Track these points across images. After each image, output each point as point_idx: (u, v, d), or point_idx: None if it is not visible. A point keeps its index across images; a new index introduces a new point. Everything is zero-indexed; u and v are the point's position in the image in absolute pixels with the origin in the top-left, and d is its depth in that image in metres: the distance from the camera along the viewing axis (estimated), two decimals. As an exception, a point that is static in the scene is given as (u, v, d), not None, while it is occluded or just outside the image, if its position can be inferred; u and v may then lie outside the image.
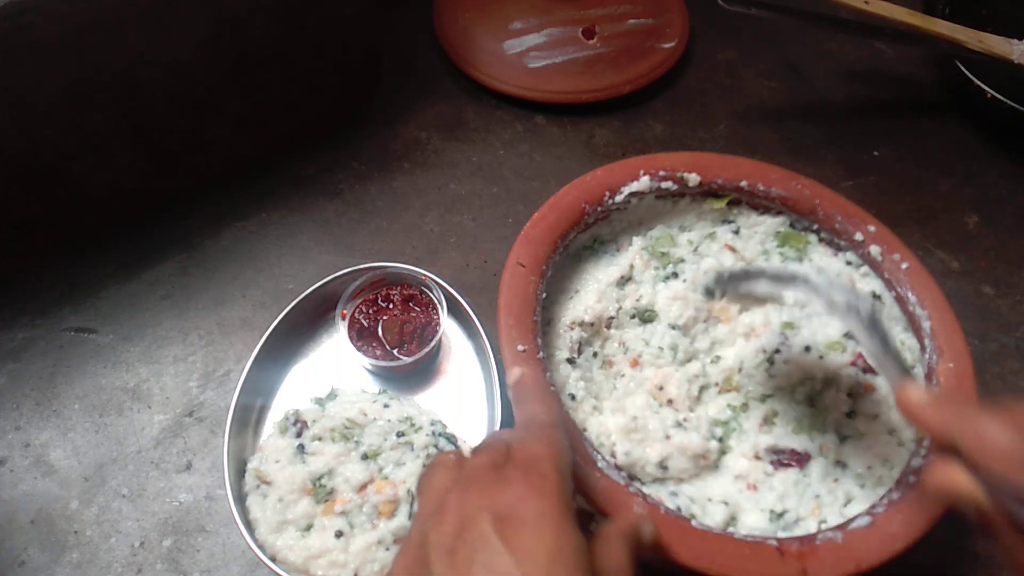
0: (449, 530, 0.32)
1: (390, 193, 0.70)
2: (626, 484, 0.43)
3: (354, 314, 0.58)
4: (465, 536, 0.31)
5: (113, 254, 0.65)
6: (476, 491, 0.33)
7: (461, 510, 0.32)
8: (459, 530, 0.31)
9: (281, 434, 0.52)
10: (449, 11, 0.80)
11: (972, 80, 0.71)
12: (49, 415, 0.58)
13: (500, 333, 0.46)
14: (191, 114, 0.62)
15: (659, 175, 0.55)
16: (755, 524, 0.46)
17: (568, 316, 0.52)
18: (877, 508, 0.43)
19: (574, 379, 0.49)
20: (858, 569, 0.41)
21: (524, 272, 0.49)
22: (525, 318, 0.47)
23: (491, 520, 0.31)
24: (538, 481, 0.33)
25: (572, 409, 0.48)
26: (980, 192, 0.73)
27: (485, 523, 0.31)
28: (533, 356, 0.46)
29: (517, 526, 0.31)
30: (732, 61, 0.82)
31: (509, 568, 0.29)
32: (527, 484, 0.32)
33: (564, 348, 0.51)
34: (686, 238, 0.57)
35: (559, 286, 0.54)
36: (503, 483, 0.33)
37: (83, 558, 0.52)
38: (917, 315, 0.51)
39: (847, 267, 0.55)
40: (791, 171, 0.57)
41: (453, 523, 0.32)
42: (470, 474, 0.35)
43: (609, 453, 0.47)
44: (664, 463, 0.47)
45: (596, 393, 0.50)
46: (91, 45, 0.52)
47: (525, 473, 0.33)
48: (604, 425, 0.48)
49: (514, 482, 0.33)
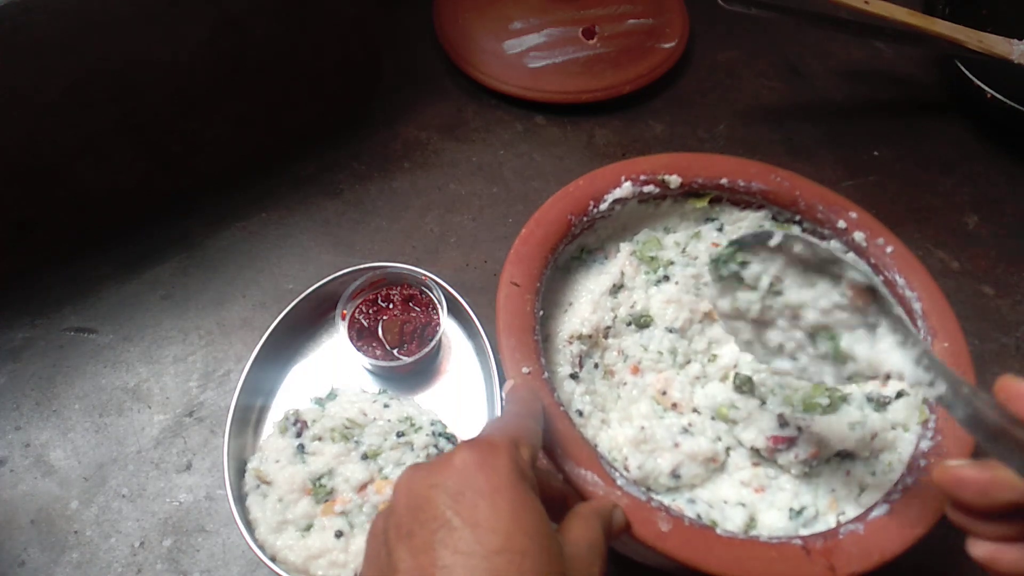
0: (404, 513, 0.31)
1: (390, 193, 0.70)
2: (647, 499, 0.42)
3: (354, 314, 0.58)
4: (420, 517, 0.30)
5: (113, 254, 0.65)
6: (424, 471, 0.32)
7: (413, 489, 0.31)
8: (414, 511, 0.30)
9: (281, 434, 0.52)
10: (449, 11, 0.80)
11: (972, 80, 0.71)
12: (49, 415, 0.58)
13: (502, 355, 0.46)
14: (191, 114, 0.62)
15: (640, 179, 0.55)
16: (775, 523, 0.46)
17: (565, 330, 0.52)
18: (893, 495, 0.44)
19: (579, 394, 0.49)
20: (882, 559, 0.41)
21: (519, 291, 0.49)
22: (526, 338, 0.47)
23: (445, 497, 0.30)
24: (487, 452, 0.31)
25: (581, 426, 0.48)
26: (980, 192, 0.73)
27: (439, 500, 0.30)
28: (539, 376, 0.45)
29: (472, 500, 0.30)
30: (732, 61, 0.82)
31: (469, 544, 0.28)
32: (476, 458, 0.31)
33: (565, 363, 0.51)
34: (672, 240, 0.57)
35: (552, 300, 0.54)
36: (452, 460, 0.32)
37: (83, 558, 0.52)
38: (907, 297, 0.51)
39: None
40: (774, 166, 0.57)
41: (407, 505, 0.31)
42: (425, 463, 0.34)
43: (623, 467, 0.47)
44: (676, 471, 0.47)
45: (602, 405, 0.50)
46: (91, 45, 0.52)
47: (473, 448, 0.32)
48: (614, 439, 0.48)
49: (464, 458, 0.31)
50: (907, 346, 0.38)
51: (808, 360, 0.42)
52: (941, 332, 0.50)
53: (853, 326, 0.40)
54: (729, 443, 0.49)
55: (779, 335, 0.43)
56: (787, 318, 0.42)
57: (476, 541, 0.28)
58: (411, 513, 0.30)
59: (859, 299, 0.40)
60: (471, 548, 0.28)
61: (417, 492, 0.31)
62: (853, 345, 0.40)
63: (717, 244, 0.56)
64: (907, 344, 0.38)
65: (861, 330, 0.40)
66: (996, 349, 0.63)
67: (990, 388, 0.35)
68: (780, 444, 0.48)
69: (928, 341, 0.49)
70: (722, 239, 0.57)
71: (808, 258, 0.41)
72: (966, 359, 0.48)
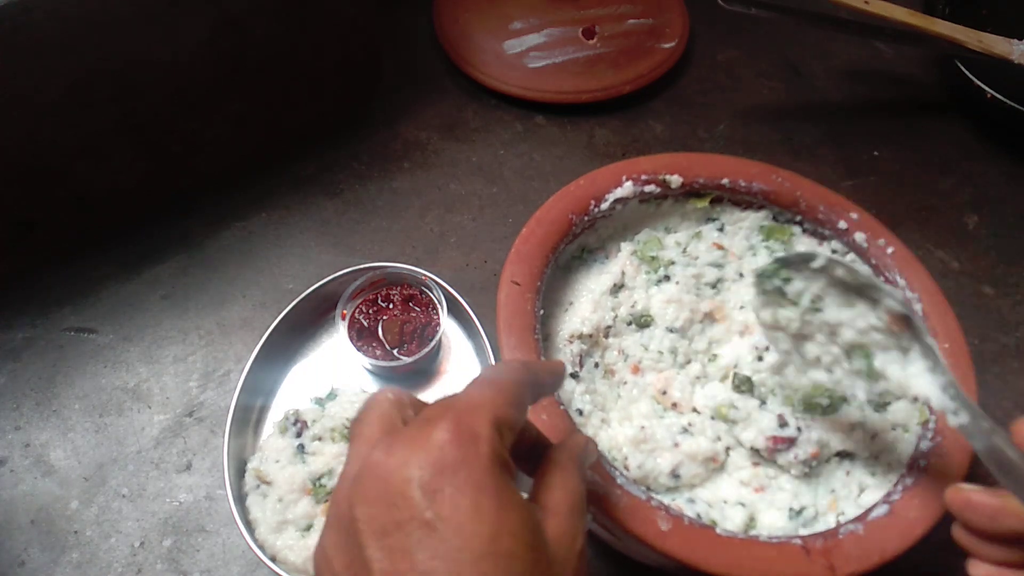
0: (377, 503, 0.28)
1: (390, 193, 0.70)
2: (647, 498, 0.42)
3: (354, 314, 0.58)
4: (396, 514, 0.28)
5: (113, 254, 0.65)
6: (400, 449, 0.29)
7: (386, 477, 0.28)
8: (388, 506, 0.28)
9: (281, 434, 0.52)
10: (449, 11, 0.80)
11: (972, 80, 0.71)
12: (49, 415, 0.58)
13: (503, 354, 0.46)
14: (191, 114, 0.62)
15: (641, 179, 0.55)
16: (774, 523, 0.46)
17: (565, 330, 0.52)
18: (893, 496, 0.44)
19: (579, 393, 0.49)
20: (883, 559, 0.41)
21: (520, 290, 0.49)
22: (526, 338, 0.47)
23: (421, 494, 0.27)
24: (468, 441, 0.29)
25: (581, 425, 0.48)
26: (980, 192, 0.73)
27: (415, 496, 0.27)
28: None
29: (453, 498, 0.27)
30: (732, 61, 0.82)
31: (451, 548, 0.26)
32: (456, 448, 0.28)
33: (566, 363, 0.51)
34: (673, 240, 0.57)
35: (552, 299, 0.54)
36: (429, 441, 0.29)
37: (83, 558, 0.52)
38: (908, 298, 0.51)
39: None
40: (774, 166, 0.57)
41: (380, 495, 0.28)
42: (400, 427, 0.31)
43: (623, 466, 0.47)
44: (676, 471, 0.47)
45: (602, 405, 0.50)
46: (92, 45, 0.52)
47: (455, 431, 0.29)
48: (614, 439, 0.48)
49: (442, 442, 0.28)
50: (936, 373, 0.40)
51: (843, 374, 0.43)
52: (941, 332, 0.50)
53: (887, 347, 0.42)
54: (729, 443, 0.49)
55: (817, 348, 0.44)
56: (825, 333, 0.44)
57: (458, 545, 0.27)
58: (385, 507, 0.28)
59: (895, 325, 0.41)
60: (453, 552, 0.26)
61: (391, 482, 0.28)
62: (886, 365, 0.42)
63: (718, 244, 0.56)
64: (936, 371, 0.40)
65: (895, 352, 0.42)
66: (996, 349, 0.63)
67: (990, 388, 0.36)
68: (780, 444, 0.48)
69: None
70: (723, 239, 0.57)
71: (848, 281, 0.42)
72: (966, 359, 0.48)
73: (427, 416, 0.30)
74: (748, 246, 0.57)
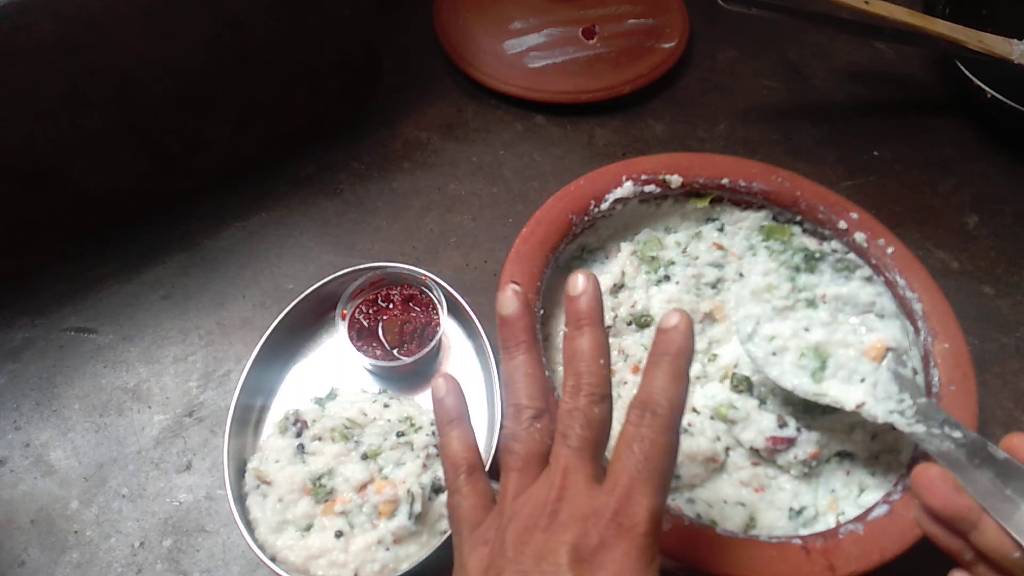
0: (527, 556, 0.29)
1: (390, 193, 0.70)
2: None
3: (354, 314, 0.58)
4: (542, 567, 0.29)
5: (113, 254, 0.65)
6: (559, 530, 0.30)
7: (544, 544, 0.30)
8: (536, 560, 0.29)
9: (281, 434, 0.52)
10: (449, 11, 0.80)
11: (972, 80, 0.71)
12: (49, 415, 0.58)
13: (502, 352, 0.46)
14: (191, 114, 0.62)
15: (641, 179, 0.55)
16: (774, 523, 0.46)
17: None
18: (893, 496, 0.44)
19: None
20: (882, 559, 0.41)
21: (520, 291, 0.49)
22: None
23: (568, 556, 0.28)
24: (632, 540, 0.29)
25: None
26: (980, 192, 0.73)
27: (562, 557, 0.28)
28: None
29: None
30: (732, 61, 0.82)
31: None
32: (621, 542, 0.29)
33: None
34: (673, 240, 0.57)
35: (552, 299, 0.54)
36: (592, 527, 0.30)
37: (83, 558, 0.52)
38: (908, 298, 0.51)
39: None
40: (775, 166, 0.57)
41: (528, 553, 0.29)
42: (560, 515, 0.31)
43: None
44: (676, 471, 0.47)
45: None
46: (91, 45, 0.52)
47: (619, 529, 0.29)
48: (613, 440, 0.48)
49: (606, 538, 0.29)
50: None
51: (791, 358, 0.47)
52: (942, 333, 0.50)
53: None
54: (729, 443, 0.49)
55: (785, 328, 0.48)
56: (802, 324, 0.48)
57: None
58: (534, 560, 0.29)
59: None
60: None
61: (546, 547, 0.29)
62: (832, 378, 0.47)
63: (718, 244, 0.56)
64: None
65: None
66: (996, 349, 0.63)
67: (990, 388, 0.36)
68: (780, 444, 0.48)
69: (929, 341, 0.49)
70: (723, 239, 0.57)
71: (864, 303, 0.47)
72: (966, 359, 0.48)
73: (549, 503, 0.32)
74: (748, 246, 0.57)
